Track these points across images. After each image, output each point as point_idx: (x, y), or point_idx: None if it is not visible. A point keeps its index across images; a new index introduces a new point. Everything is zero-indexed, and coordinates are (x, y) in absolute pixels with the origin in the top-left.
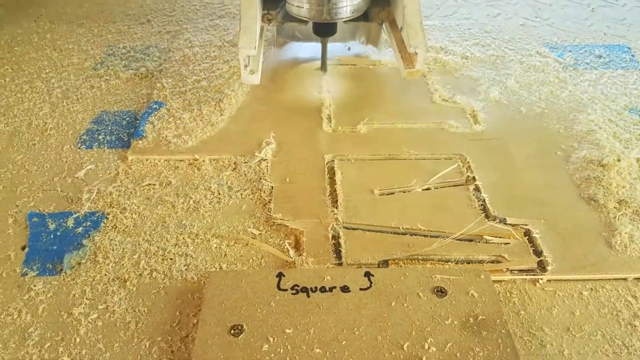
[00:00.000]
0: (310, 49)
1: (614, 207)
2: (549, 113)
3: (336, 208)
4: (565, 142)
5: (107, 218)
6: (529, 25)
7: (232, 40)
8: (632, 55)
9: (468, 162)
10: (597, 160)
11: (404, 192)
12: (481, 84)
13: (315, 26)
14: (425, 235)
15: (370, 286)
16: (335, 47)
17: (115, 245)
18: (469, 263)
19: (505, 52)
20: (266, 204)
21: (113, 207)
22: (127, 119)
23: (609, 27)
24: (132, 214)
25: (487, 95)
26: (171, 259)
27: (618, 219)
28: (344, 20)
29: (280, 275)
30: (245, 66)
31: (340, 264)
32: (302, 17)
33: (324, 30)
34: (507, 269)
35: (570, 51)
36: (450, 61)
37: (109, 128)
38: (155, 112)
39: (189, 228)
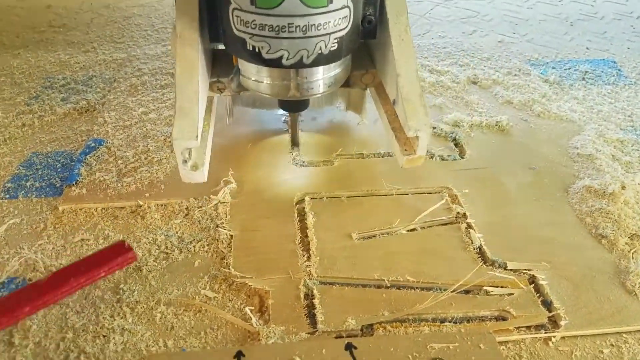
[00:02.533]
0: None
1: (626, 243)
2: (540, 136)
3: (308, 259)
4: (562, 168)
5: None
6: (508, 42)
7: None
8: (619, 70)
9: (456, 196)
10: (600, 190)
11: (388, 234)
12: (463, 106)
13: (280, 101)
14: (415, 288)
15: None
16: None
17: (37, 319)
18: (468, 321)
19: (486, 71)
20: (224, 257)
21: (37, 270)
22: (62, 160)
23: (591, 41)
24: None
25: (470, 119)
26: (104, 335)
27: (633, 257)
28: (317, 95)
29: (239, 355)
30: (185, 161)
31: (315, 332)
32: (263, 94)
33: (293, 106)
34: (515, 327)
35: (553, 67)
36: (426, 83)
37: (40, 172)
38: (94, 152)
39: (129, 294)
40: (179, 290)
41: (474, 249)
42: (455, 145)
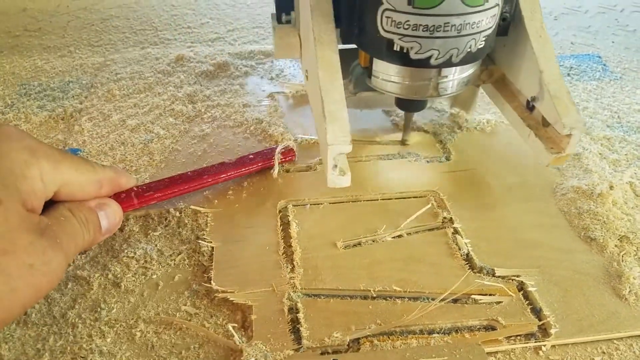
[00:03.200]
0: None
1: (616, 246)
2: None
3: (292, 270)
4: (549, 168)
5: None
6: None
7: (165, 70)
8: (604, 65)
9: (442, 200)
10: (588, 190)
11: (373, 241)
12: (447, 105)
13: (402, 100)
14: (402, 298)
15: None
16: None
17: (13, 341)
18: (457, 332)
19: None
20: (205, 270)
21: None
22: None
23: (575, 36)
24: None
25: (454, 118)
26: (82, 357)
27: (623, 260)
28: (453, 94)
29: None
30: (335, 166)
31: (299, 349)
32: (394, 94)
33: (414, 105)
34: (504, 337)
35: None
36: None
37: None
38: None
39: (107, 312)
40: (159, 306)
41: (461, 255)
42: (441, 146)
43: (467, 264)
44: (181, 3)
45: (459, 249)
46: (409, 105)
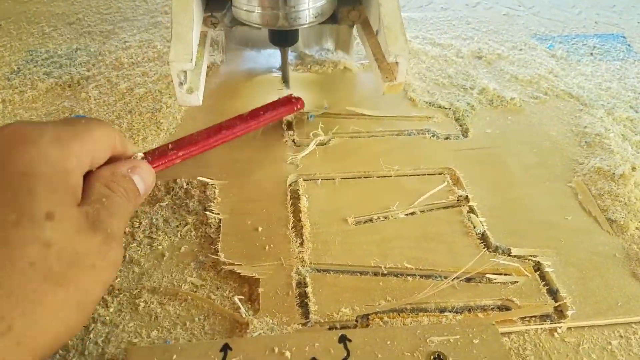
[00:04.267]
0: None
1: (637, 228)
2: (546, 113)
3: (302, 245)
4: (570, 148)
5: None
6: (513, 14)
7: None
8: (629, 45)
9: (458, 178)
10: (610, 171)
11: (385, 218)
12: (466, 81)
13: (271, 34)
14: (413, 276)
15: (348, 357)
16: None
17: None
18: (470, 311)
19: (490, 45)
20: (212, 242)
21: None
22: None
23: (599, 15)
24: None
25: (473, 95)
26: (85, 327)
27: None
28: (305, 26)
29: (226, 348)
30: (181, 84)
31: (307, 323)
32: (254, 24)
33: (283, 38)
34: (519, 317)
35: (560, 42)
36: (428, 57)
37: None
38: None
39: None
40: (164, 277)
41: (476, 234)
42: (458, 123)
43: (482, 242)
44: None
45: (474, 227)
46: (279, 38)
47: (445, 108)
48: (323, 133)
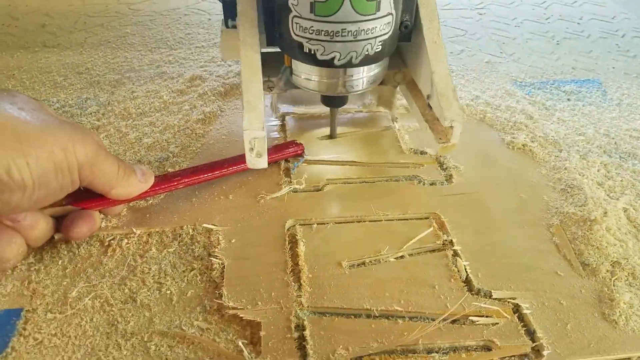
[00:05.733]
0: None
1: (607, 271)
2: (525, 159)
3: (299, 288)
4: (548, 192)
5: (25, 318)
6: (495, 62)
7: (180, 89)
8: (604, 91)
9: (443, 222)
10: (583, 216)
11: (377, 261)
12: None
13: (325, 97)
14: (403, 318)
15: None
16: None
17: (34, 353)
18: (455, 352)
19: (473, 93)
20: (217, 286)
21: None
22: None
23: (577, 61)
24: (54, 313)
25: (457, 142)
26: None
27: (614, 285)
28: (359, 92)
29: None
30: (251, 149)
31: None
32: (312, 90)
33: (336, 102)
34: (499, 357)
35: (539, 88)
36: None
37: None
38: None
39: (123, 325)
40: (173, 321)
41: (460, 278)
42: (443, 169)
43: (465, 285)
44: (194, 22)
45: (458, 271)
46: (331, 101)
47: (431, 155)
48: (303, 182)
